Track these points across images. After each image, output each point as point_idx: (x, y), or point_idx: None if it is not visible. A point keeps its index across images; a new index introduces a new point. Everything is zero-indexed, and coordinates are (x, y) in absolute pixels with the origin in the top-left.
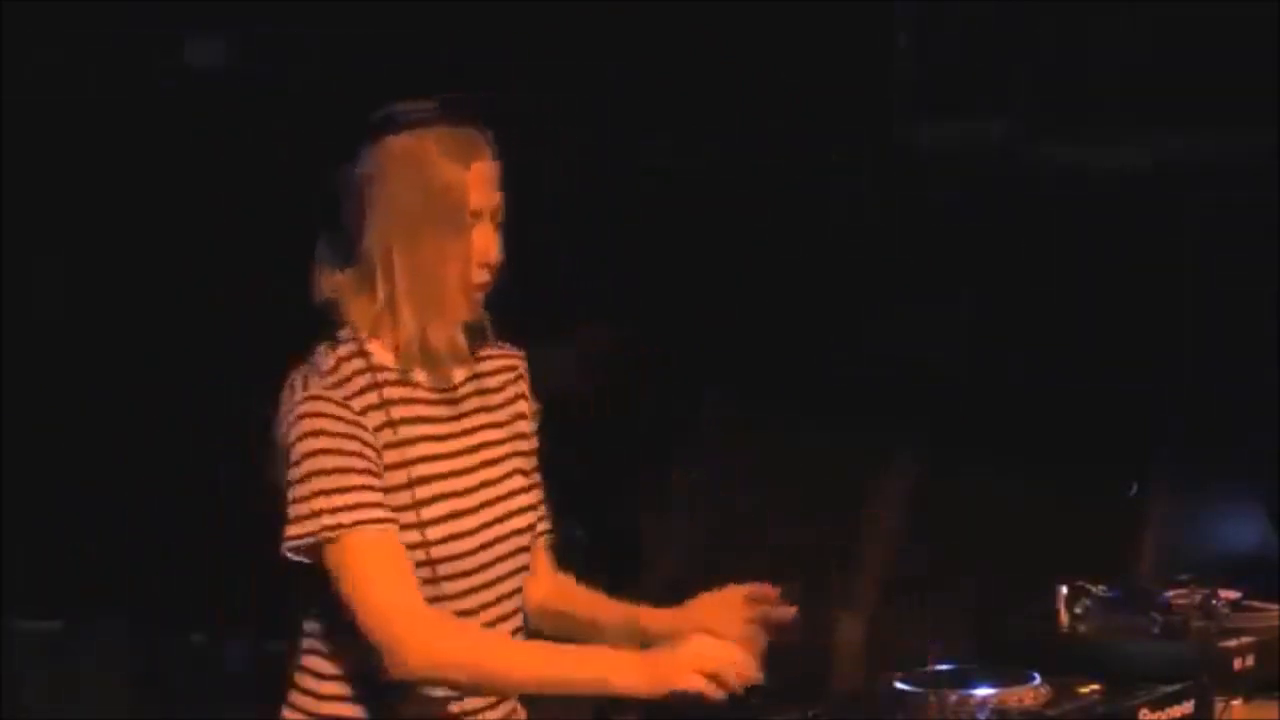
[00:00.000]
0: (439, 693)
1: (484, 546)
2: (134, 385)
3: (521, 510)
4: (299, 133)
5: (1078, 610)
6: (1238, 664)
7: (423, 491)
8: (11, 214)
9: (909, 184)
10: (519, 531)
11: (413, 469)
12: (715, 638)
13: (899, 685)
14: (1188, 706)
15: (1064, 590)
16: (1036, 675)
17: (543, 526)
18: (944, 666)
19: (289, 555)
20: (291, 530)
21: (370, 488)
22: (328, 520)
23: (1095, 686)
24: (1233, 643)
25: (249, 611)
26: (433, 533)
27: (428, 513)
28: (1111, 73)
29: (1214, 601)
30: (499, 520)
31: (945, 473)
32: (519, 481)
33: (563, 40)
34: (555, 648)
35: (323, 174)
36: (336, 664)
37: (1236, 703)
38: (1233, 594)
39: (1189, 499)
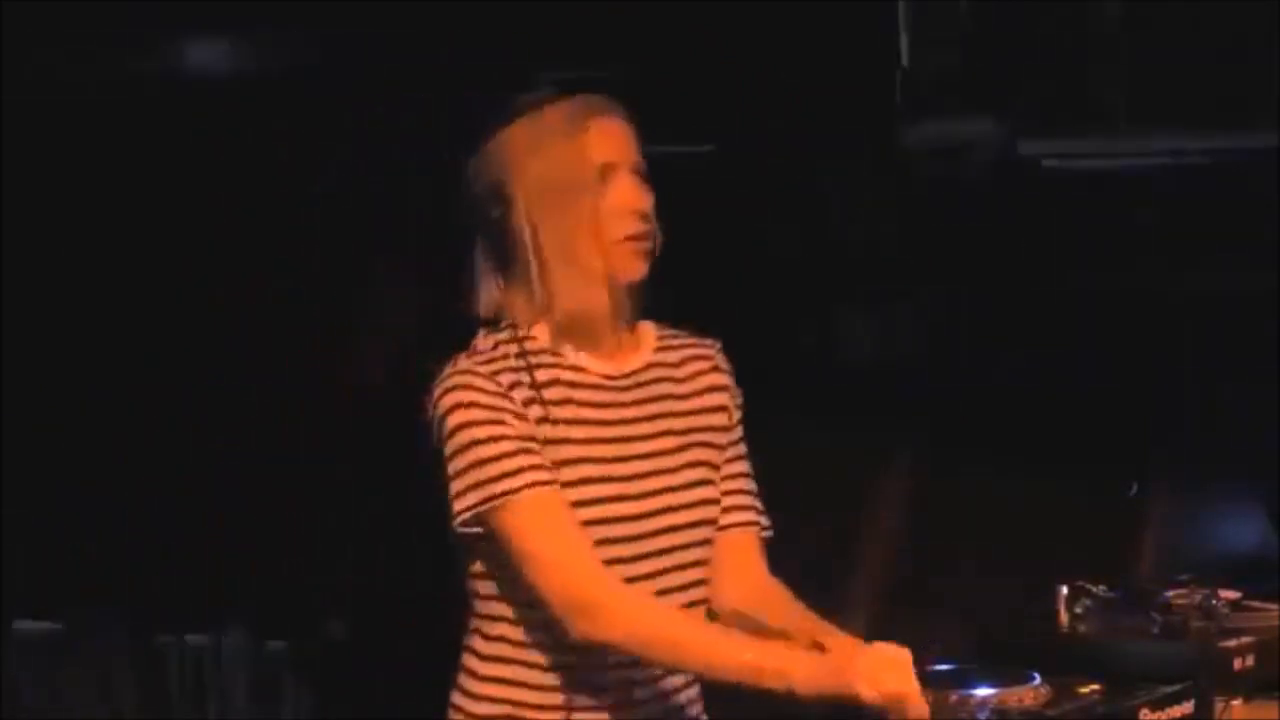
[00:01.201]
0: (606, 673)
1: (653, 534)
2: (134, 385)
3: (702, 502)
4: (299, 133)
5: (1078, 610)
6: (1238, 664)
7: (570, 474)
8: (11, 214)
9: (907, 184)
10: (695, 524)
11: (561, 448)
12: (905, 658)
13: None
14: (1188, 706)
15: (1064, 590)
16: (1036, 675)
17: (738, 518)
18: (944, 666)
19: (460, 531)
20: (458, 505)
21: (527, 450)
22: (493, 488)
23: (1095, 686)
24: (1233, 643)
25: (249, 611)
26: (579, 515)
27: (574, 495)
28: (1110, 73)
29: (1214, 601)
30: (672, 510)
31: (945, 473)
32: (699, 473)
33: (562, 40)
34: (743, 635)
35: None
36: (500, 645)
37: (1236, 703)
38: (1233, 594)
39: (1189, 499)
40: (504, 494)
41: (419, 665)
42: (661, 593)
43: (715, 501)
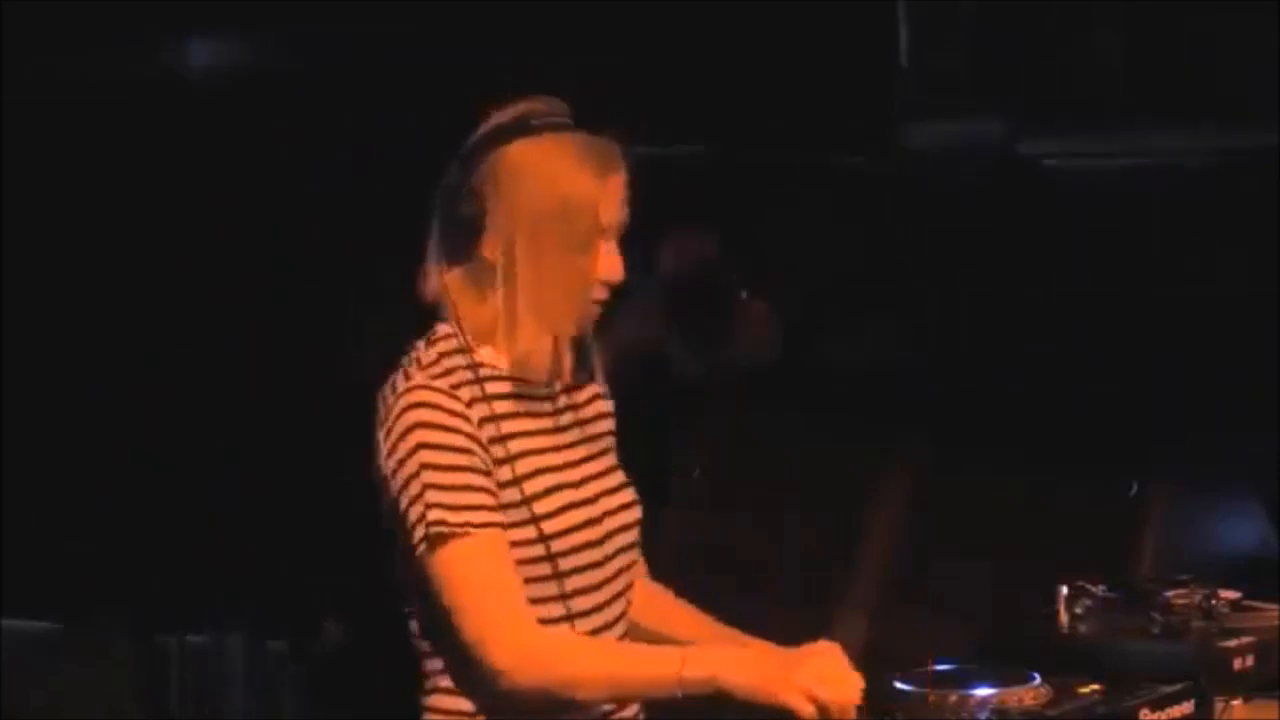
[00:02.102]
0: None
1: (606, 538)
2: (134, 385)
3: (632, 504)
4: (299, 133)
5: (1078, 610)
6: (1238, 664)
7: (532, 485)
8: (12, 214)
9: (907, 184)
10: (630, 526)
11: (518, 463)
12: (841, 660)
13: (899, 685)
14: (1188, 706)
15: (1064, 590)
16: (1036, 675)
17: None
18: (944, 666)
19: (415, 553)
20: (414, 532)
21: (475, 487)
22: (437, 515)
23: (1095, 686)
24: (1233, 643)
25: (249, 611)
26: (549, 526)
27: (540, 506)
28: (1110, 73)
29: (1214, 601)
30: (613, 512)
31: (945, 473)
32: (621, 476)
33: (562, 39)
34: (657, 648)
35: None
36: (447, 677)
37: (1236, 703)
38: (1233, 594)
39: (1189, 499)
40: (445, 531)
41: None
42: (615, 597)
43: (639, 503)
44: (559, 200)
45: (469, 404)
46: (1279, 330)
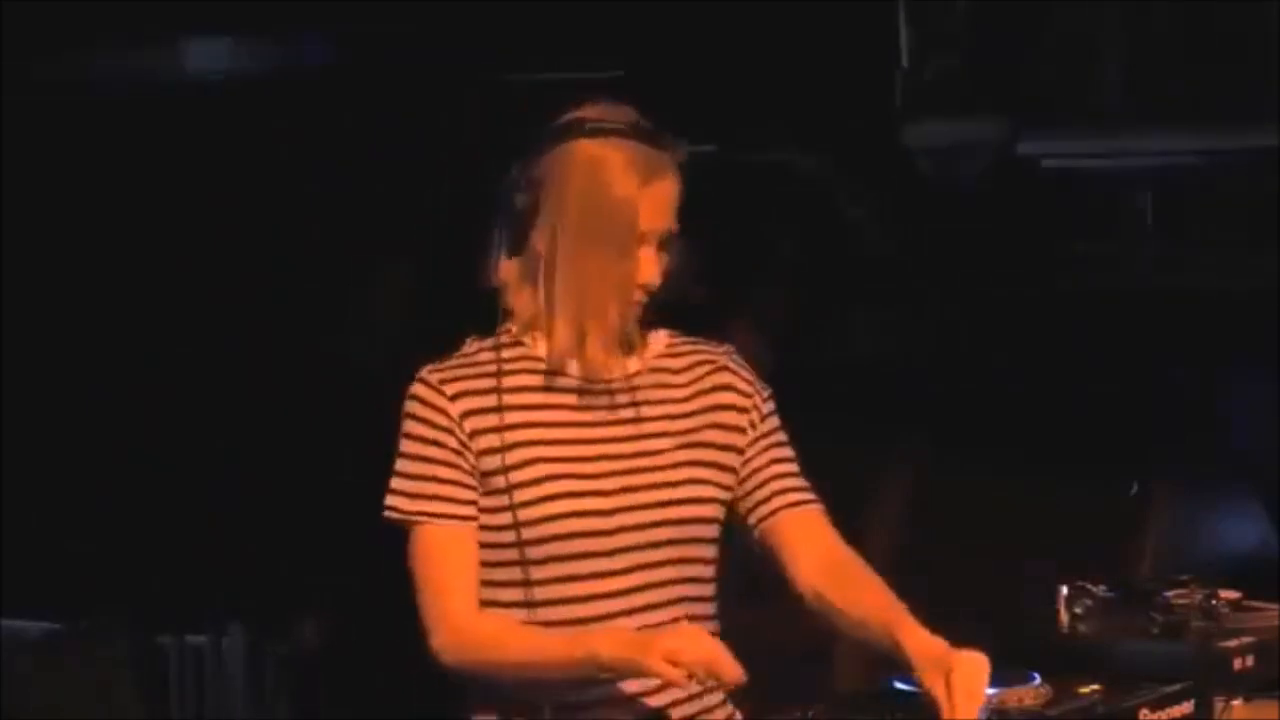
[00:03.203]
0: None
1: (623, 530)
2: (134, 385)
3: (690, 500)
4: (299, 133)
5: (1078, 610)
6: (1238, 664)
7: (520, 475)
8: (12, 214)
9: (907, 184)
10: (677, 521)
11: (511, 453)
12: (699, 631)
13: (899, 685)
14: (1188, 706)
15: (1064, 590)
16: (1036, 675)
17: (794, 499)
18: None
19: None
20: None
21: (436, 478)
22: (391, 500)
23: (1095, 686)
24: (1233, 643)
25: (248, 611)
26: (524, 514)
27: (521, 494)
28: (1110, 73)
29: (1214, 601)
30: (646, 507)
31: (945, 473)
32: (693, 472)
33: (562, 40)
34: (555, 632)
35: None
36: None
37: (1236, 703)
38: (1233, 594)
39: (1189, 499)
40: (398, 518)
41: (417, 666)
42: (649, 585)
43: (710, 501)
44: (602, 201)
45: (455, 397)
46: (1279, 330)
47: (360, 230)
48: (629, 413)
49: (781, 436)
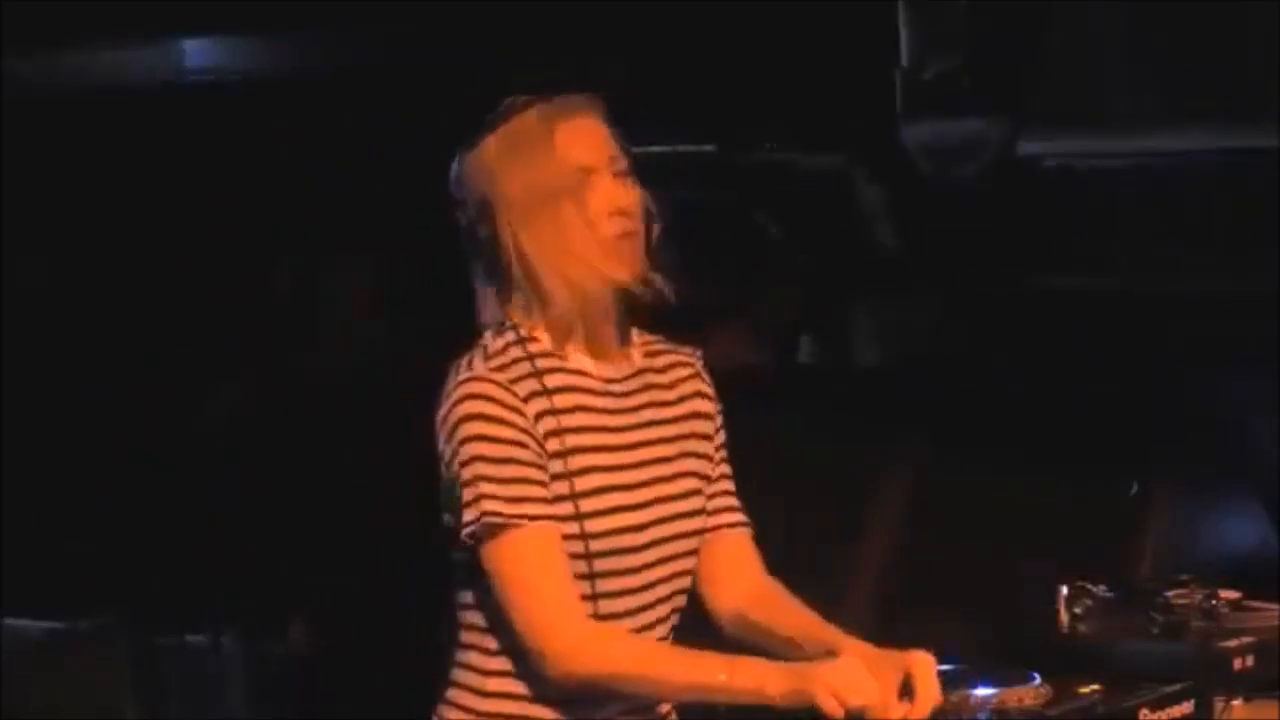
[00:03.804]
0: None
1: (650, 545)
2: (134, 385)
3: (692, 513)
4: (299, 133)
5: (1078, 610)
6: (1238, 664)
7: (583, 483)
8: (12, 214)
9: (907, 184)
10: (685, 535)
11: (572, 459)
12: (866, 667)
13: None
14: (1188, 706)
15: (1064, 590)
16: (1036, 675)
17: (729, 519)
18: (944, 666)
19: (466, 541)
20: (465, 516)
21: (530, 480)
22: (490, 505)
23: (1095, 686)
24: (1233, 643)
25: (248, 611)
26: (592, 525)
27: (587, 505)
28: (1110, 73)
29: (1214, 601)
30: (666, 520)
31: (945, 473)
32: (690, 483)
33: (562, 40)
34: (710, 655)
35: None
36: (503, 659)
37: (1236, 703)
38: (1233, 594)
39: (1189, 499)
40: (496, 516)
41: (417, 666)
42: (658, 602)
43: (703, 512)
44: (522, 164)
45: (527, 398)
46: (1279, 330)
47: (361, 230)
48: (638, 416)
49: (725, 452)
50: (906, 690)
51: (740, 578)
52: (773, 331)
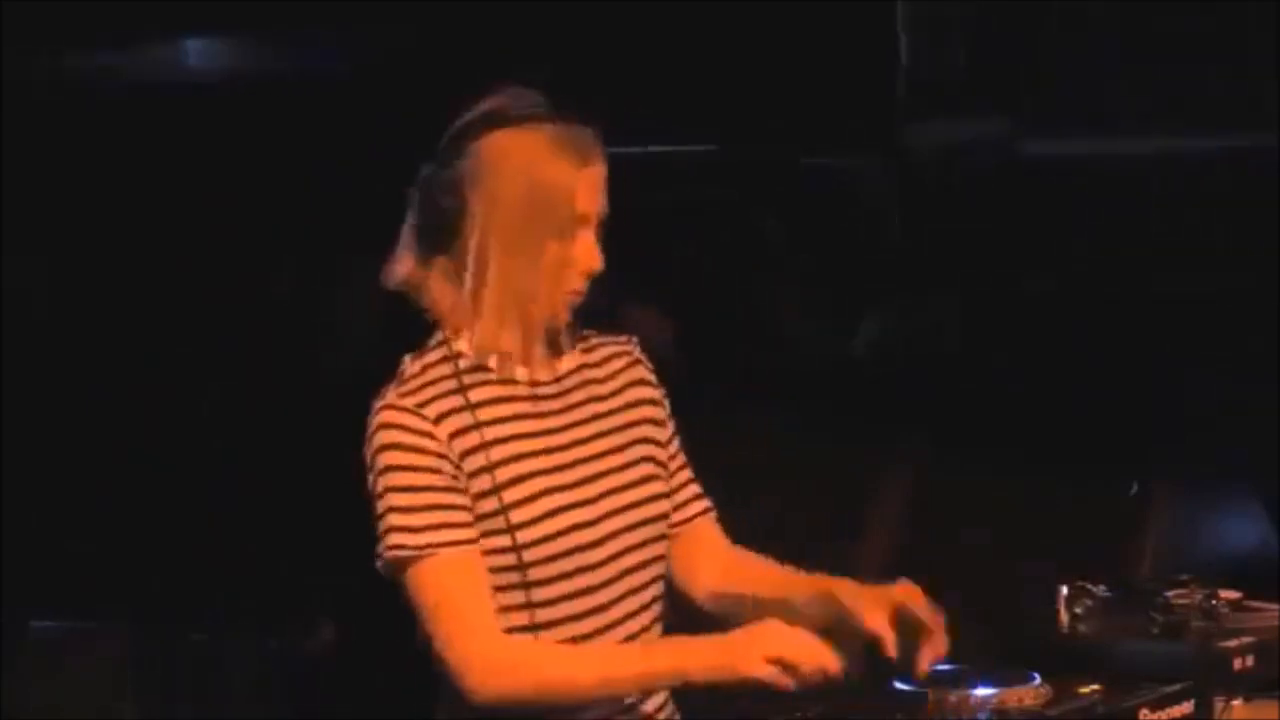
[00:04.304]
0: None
1: (608, 538)
2: (133, 385)
3: (652, 498)
4: (299, 133)
5: (1078, 610)
6: (1238, 664)
7: (514, 493)
8: (11, 214)
9: (907, 184)
10: (647, 521)
11: (500, 470)
12: (789, 624)
13: (899, 685)
14: (1188, 706)
15: (1064, 590)
16: (1036, 675)
17: (697, 508)
18: (944, 666)
19: (382, 573)
20: (378, 548)
21: (442, 505)
22: (396, 539)
23: (1095, 686)
24: (1233, 643)
25: (249, 611)
26: (526, 535)
27: (519, 514)
28: (1110, 73)
29: (1214, 601)
30: (622, 510)
31: (945, 473)
32: (646, 469)
33: (562, 39)
34: (626, 647)
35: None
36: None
37: (1236, 703)
38: (1233, 594)
39: (1189, 499)
40: (407, 555)
41: (417, 666)
42: (629, 593)
43: (666, 496)
44: (536, 188)
45: (439, 419)
46: (1279, 330)
47: (361, 230)
48: (583, 412)
49: (677, 436)
50: (905, 628)
51: (713, 559)
52: (772, 331)
